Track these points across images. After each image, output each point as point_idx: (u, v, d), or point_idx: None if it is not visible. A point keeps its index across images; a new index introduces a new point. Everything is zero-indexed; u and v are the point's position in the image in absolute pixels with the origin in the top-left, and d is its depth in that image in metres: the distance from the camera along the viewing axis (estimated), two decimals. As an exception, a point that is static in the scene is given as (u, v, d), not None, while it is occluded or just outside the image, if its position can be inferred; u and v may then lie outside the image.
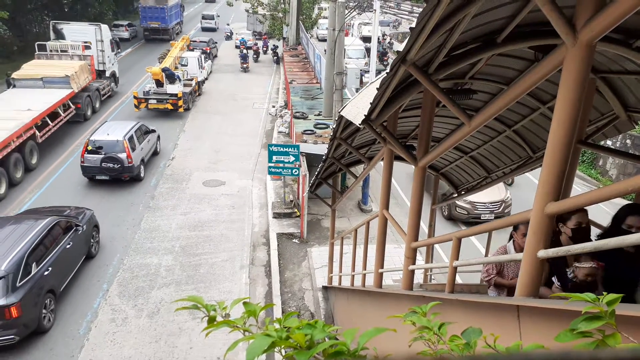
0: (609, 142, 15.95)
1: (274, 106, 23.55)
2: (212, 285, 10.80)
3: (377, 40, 22.07)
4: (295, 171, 13.14)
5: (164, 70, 21.02)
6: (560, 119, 2.32)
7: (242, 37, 34.67)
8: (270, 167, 13.21)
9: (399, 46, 38.34)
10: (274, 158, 13.04)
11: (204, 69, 26.06)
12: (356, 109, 4.66)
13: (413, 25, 2.67)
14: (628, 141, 16.36)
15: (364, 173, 7.54)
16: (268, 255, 12.14)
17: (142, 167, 15.64)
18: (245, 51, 31.50)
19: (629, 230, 3.27)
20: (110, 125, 16.06)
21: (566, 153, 2.35)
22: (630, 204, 3.59)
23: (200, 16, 46.14)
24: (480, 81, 5.00)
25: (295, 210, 13.90)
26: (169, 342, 9.05)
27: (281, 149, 13.09)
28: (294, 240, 12.92)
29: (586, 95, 4.07)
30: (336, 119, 6.15)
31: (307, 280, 11.32)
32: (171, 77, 21.14)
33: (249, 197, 15.04)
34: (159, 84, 20.96)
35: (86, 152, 14.57)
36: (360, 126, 4.37)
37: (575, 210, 3.37)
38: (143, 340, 9.09)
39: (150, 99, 20.88)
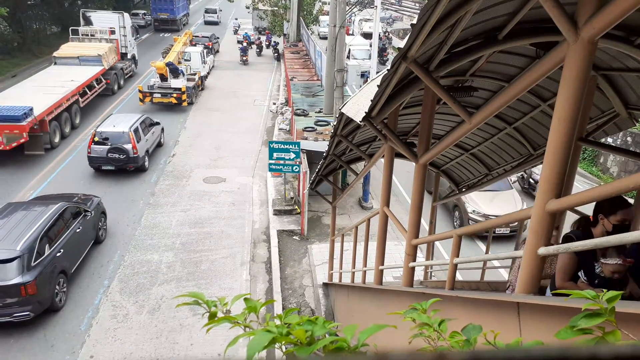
0: (609, 140, 15.94)
1: (274, 103, 23.53)
2: (213, 281, 10.82)
3: (378, 36, 22.02)
4: (296, 168, 13.14)
5: (168, 64, 21.37)
6: (561, 116, 2.32)
7: (246, 32, 35.63)
8: (270, 164, 13.21)
9: (398, 42, 38.57)
10: (275, 155, 13.03)
11: (206, 63, 26.47)
12: (357, 106, 4.65)
13: (414, 21, 2.66)
14: (629, 138, 16.34)
15: (364, 170, 7.54)
16: (268, 252, 12.15)
17: (147, 158, 16.14)
18: (246, 44, 32.16)
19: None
20: (116, 118, 16.54)
21: (567, 150, 2.35)
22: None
23: (202, 10, 47.89)
24: (481, 78, 4.99)
25: (296, 207, 13.91)
26: (169, 339, 9.07)
27: (282, 146, 13.09)
28: (295, 237, 12.93)
29: (587, 92, 4.07)
30: (337, 116, 6.14)
31: (308, 277, 11.33)
32: (175, 72, 21.54)
33: (249, 194, 15.05)
34: (163, 78, 21.37)
35: (93, 143, 15.00)
36: (361, 123, 4.37)
37: (621, 205, 3.24)
38: (144, 336, 9.11)
39: (155, 93, 21.38)
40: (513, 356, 0.57)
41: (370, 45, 23.90)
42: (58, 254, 9.62)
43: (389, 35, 40.04)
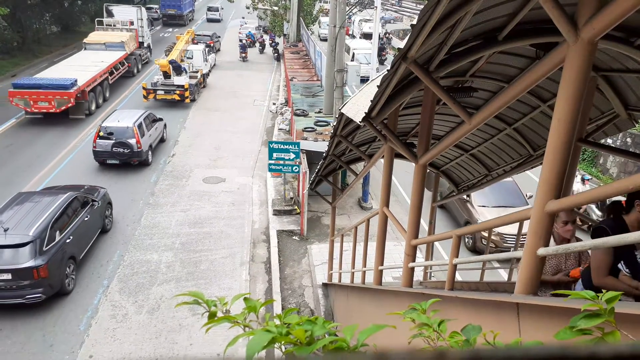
0: (609, 141, 15.94)
1: (274, 103, 23.53)
2: (213, 281, 10.81)
3: (378, 36, 22.03)
4: (296, 168, 13.14)
5: (171, 62, 21.80)
6: (560, 117, 2.32)
7: (249, 31, 36.99)
8: (270, 164, 13.20)
9: (398, 42, 38.68)
10: (275, 155, 13.03)
11: (208, 61, 27.06)
12: (357, 106, 4.65)
13: (414, 22, 2.66)
14: (628, 139, 16.35)
15: (364, 170, 7.54)
16: (268, 252, 12.15)
17: (150, 153, 16.53)
18: (246, 41, 33.60)
19: None
20: (120, 113, 16.94)
21: (567, 151, 2.35)
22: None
23: (204, 8, 50.26)
24: (481, 79, 4.99)
25: (296, 207, 13.91)
26: (169, 338, 9.07)
27: (282, 146, 13.08)
28: (294, 237, 12.93)
29: (587, 93, 4.07)
30: (337, 116, 6.14)
31: (307, 277, 11.33)
32: (178, 69, 22.01)
33: (249, 194, 15.05)
34: (167, 75, 21.84)
35: (98, 138, 15.42)
36: (361, 124, 4.37)
37: None
38: (143, 336, 9.11)
39: (158, 90, 21.95)
40: (512, 355, 0.58)
41: (379, 48, 23.99)
42: (67, 241, 10.11)
43: (389, 35, 40.48)
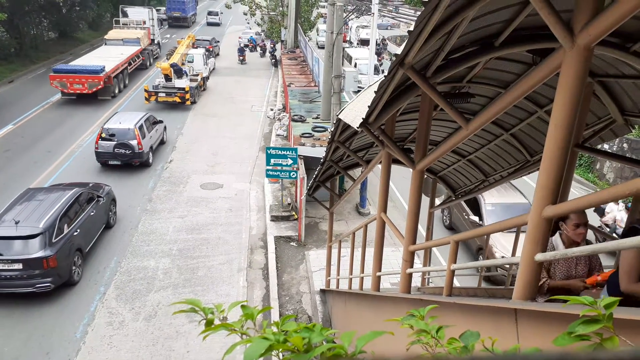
0: (605, 146, 16.00)
1: (272, 109, 23.56)
2: (210, 288, 10.77)
3: (376, 42, 22.12)
4: (293, 174, 13.13)
5: (173, 65, 22.47)
6: (557, 122, 2.33)
7: (251, 36, 38.82)
8: (268, 170, 13.20)
9: (394, 48, 39.00)
10: (272, 161, 13.03)
11: (207, 65, 27.84)
12: (354, 112, 4.66)
13: (411, 28, 2.67)
14: (625, 145, 16.41)
15: (361, 176, 7.54)
16: (266, 259, 12.12)
17: (151, 154, 16.85)
18: (249, 45, 35.94)
19: None
20: (121, 115, 17.33)
21: (563, 157, 2.36)
22: None
23: (204, 12, 52.64)
24: (478, 85, 5.01)
25: (293, 213, 13.89)
26: (166, 346, 9.01)
27: (279, 152, 13.09)
28: (292, 243, 12.90)
29: (583, 99, 4.08)
30: (334, 122, 6.15)
31: (305, 283, 11.30)
32: (179, 72, 22.73)
33: (246, 200, 15.02)
34: (168, 78, 22.46)
35: (100, 139, 15.75)
36: (358, 129, 4.37)
37: None
38: (140, 343, 9.05)
39: (160, 92, 22.48)
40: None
41: (375, 54, 24.06)
42: (75, 233, 10.60)
43: (385, 41, 41.39)
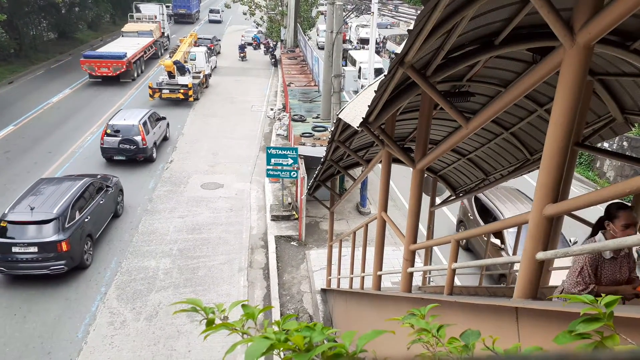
0: (605, 144, 15.99)
1: (272, 109, 23.56)
2: (211, 288, 10.77)
3: (375, 42, 22.11)
4: (294, 174, 13.13)
5: (176, 63, 23.03)
6: (557, 121, 2.33)
7: (255, 34, 40.02)
8: (268, 170, 13.20)
9: (393, 46, 39.04)
10: (273, 161, 13.03)
11: (209, 63, 28.29)
12: (354, 111, 4.66)
13: (411, 27, 2.67)
14: (625, 143, 16.40)
15: (362, 175, 7.54)
16: (266, 258, 12.12)
17: (155, 150, 17.32)
18: (252, 43, 38.16)
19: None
20: (126, 112, 17.79)
21: (564, 155, 2.36)
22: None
23: (206, 10, 54.64)
24: (478, 84, 5.01)
25: (294, 212, 13.89)
26: (167, 345, 9.02)
27: (279, 152, 13.08)
28: (293, 242, 12.90)
29: (583, 97, 4.08)
30: (334, 121, 6.15)
31: (306, 282, 11.30)
32: (182, 70, 23.29)
33: (247, 200, 15.03)
34: (171, 75, 23.04)
35: (105, 135, 16.22)
36: (359, 129, 4.37)
37: None
38: (141, 343, 9.06)
39: (164, 89, 23.12)
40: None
41: (377, 53, 24.02)
42: (86, 220, 11.25)
43: (385, 40, 41.75)
